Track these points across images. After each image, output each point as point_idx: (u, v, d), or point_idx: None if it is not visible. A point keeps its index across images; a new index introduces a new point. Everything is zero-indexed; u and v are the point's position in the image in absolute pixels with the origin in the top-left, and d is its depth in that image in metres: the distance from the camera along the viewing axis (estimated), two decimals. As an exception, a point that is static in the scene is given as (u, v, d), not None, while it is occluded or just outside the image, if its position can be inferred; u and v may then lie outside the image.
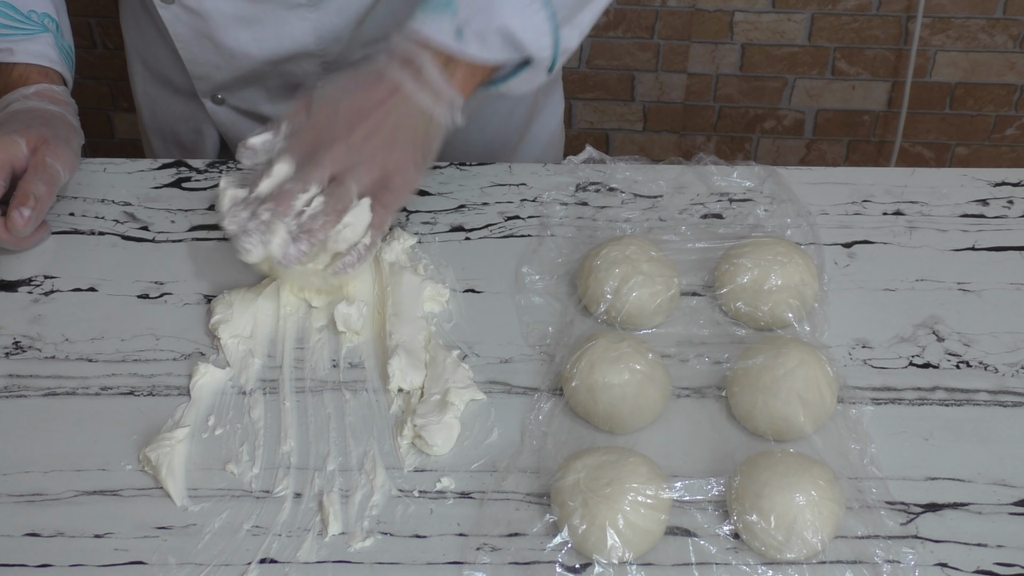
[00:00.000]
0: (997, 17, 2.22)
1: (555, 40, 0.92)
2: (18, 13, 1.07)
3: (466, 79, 0.91)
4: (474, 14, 0.89)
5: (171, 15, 1.09)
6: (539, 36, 0.91)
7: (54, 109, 1.04)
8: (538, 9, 0.90)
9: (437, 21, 0.89)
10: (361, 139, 0.89)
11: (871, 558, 0.76)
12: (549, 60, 0.93)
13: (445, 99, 0.90)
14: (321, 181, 0.88)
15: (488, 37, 0.89)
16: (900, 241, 1.00)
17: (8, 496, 0.81)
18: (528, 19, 0.90)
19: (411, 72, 0.90)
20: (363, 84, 0.91)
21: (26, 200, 0.96)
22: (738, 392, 0.85)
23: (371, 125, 0.89)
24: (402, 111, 0.90)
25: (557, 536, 0.77)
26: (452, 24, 0.89)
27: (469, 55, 0.89)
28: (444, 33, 0.89)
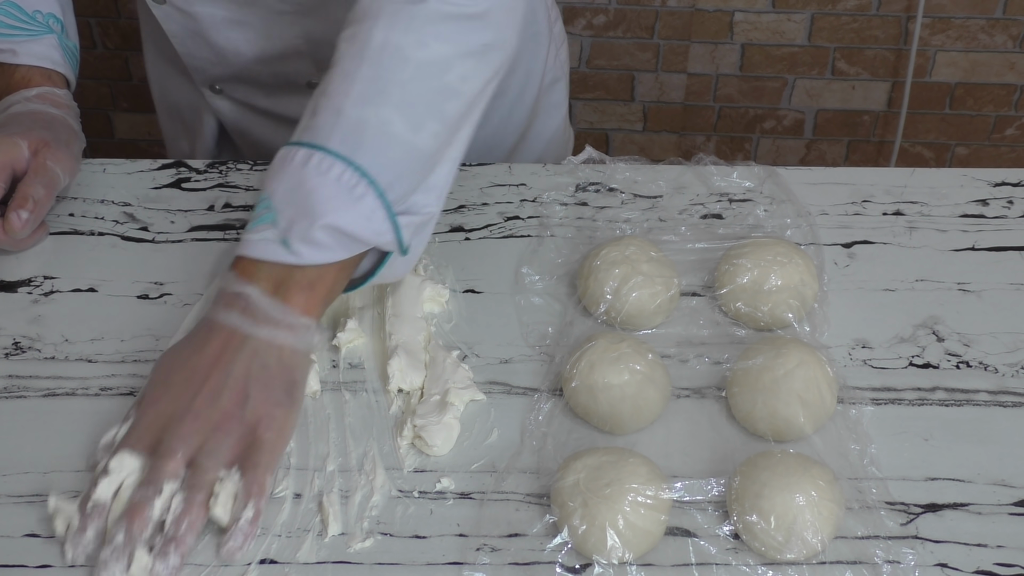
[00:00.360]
0: (997, 17, 2.22)
1: (392, 221, 0.82)
2: (23, 13, 1.07)
3: (306, 296, 0.81)
4: (294, 218, 0.80)
5: (164, 14, 1.09)
6: (372, 223, 0.81)
7: (56, 112, 1.04)
8: (363, 193, 0.80)
9: (260, 236, 0.81)
10: (207, 405, 0.78)
11: (871, 558, 0.76)
12: (394, 243, 0.83)
13: (285, 325, 0.80)
14: (177, 473, 0.77)
15: (316, 238, 0.79)
16: (900, 241, 1.00)
17: (8, 496, 0.81)
18: (354, 208, 0.80)
19: (240, 310, 0.80)
20: (196, 343, 0.81)
21: (25, 203, 0.96)
22: (738, 392, 0.85)
23: (213, 384, 0.79)
24: (245, 355, 0.80)
25: (557, 537, 0.77)
26: (275, 235, 0.80)
27: (305, 262, 0.80)
28: (270, 248, 0.80)
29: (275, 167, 0.82)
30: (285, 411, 0.81)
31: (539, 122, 1.28)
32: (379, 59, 0.82)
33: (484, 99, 0.88)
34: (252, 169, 1.08)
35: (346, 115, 0.81)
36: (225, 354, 0.80)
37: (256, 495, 0.77)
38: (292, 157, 0.81)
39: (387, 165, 0.81)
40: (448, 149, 0.86)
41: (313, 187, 0.79)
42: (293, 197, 0.80)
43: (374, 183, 0.80)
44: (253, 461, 0.78)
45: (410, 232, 0.84)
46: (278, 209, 0.80)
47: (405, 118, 0.82)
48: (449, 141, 0.85)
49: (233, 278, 0.81)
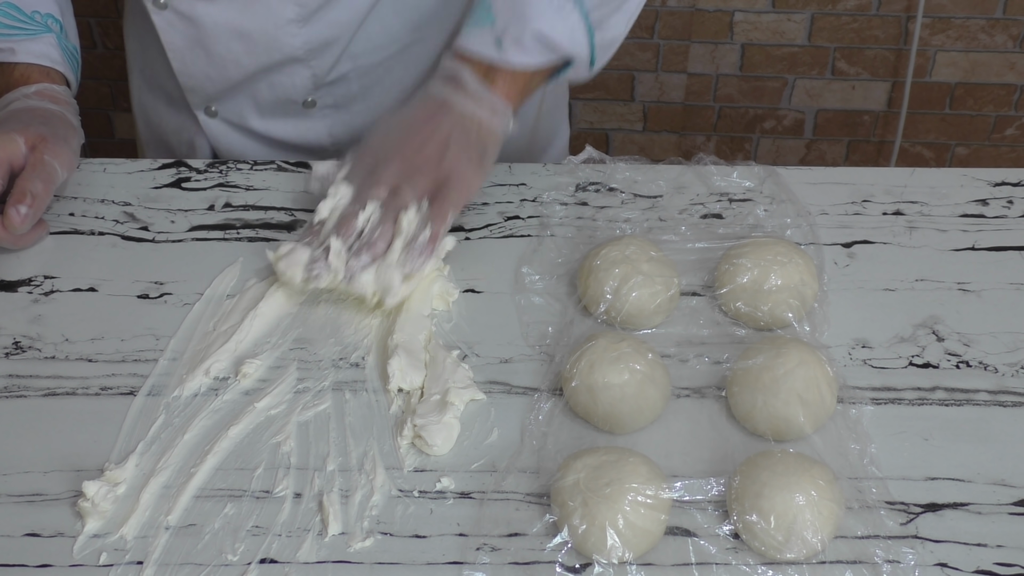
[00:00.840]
0: (997, 17, 2.22)
1: (590, 38, 0.97)
2: (21, 13, 1.07)
3: (508, 85, 0.97)
4: (510, 23, 0.95)
5: (164, 21, 1.09)
6: (573, 37, 0.96)
7: (54, 108, 1.04)
8: (571, 11, 0.95)
9: (478, 34, 0.96)
10: (414, 151, 0.94)
11: (871, 558, 0.76)
12: (587, 58, 0.99)
13: (488, 105, 0.95)
14: (379, 197, 0.93)
15: (525, 43, 0.95)
16: (900, 241, 1.00)
17: (8, 496, 0.81)
18: (561, 21, 0.95)
19: (454, 86, 0.96)
20: (413, 106, 0.97)
21: (23, 198, 0.96)
22: (738, 392, 0.85)
23: (422, 137, 0.95)
24: (451, 120, 0.95)
25: (557, 536, 0.77)
26: (491, 35, 0.95)
27: (510, 62, 0.95)
28: (485, 45, 0.96)
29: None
30: (475, 169, 0.96)
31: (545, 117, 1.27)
32: None
33: None
34: (252, 169, 1.08)
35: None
36: (436, 116, 0.95)
37: (439, 220, 0.92)
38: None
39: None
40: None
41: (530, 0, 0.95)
42: (511, 5, 0.95)
43: (580, 2, 0.96)
44: (442, 196, 0.93)
45: (600, 49, 0.99)
46: (496, 13, 0.95)
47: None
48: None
49: (450, 60, 0.97)
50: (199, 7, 1.07)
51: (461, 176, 0.95)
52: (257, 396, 0.87)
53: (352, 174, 0.96)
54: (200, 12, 1.07)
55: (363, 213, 0.92)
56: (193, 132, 1.21)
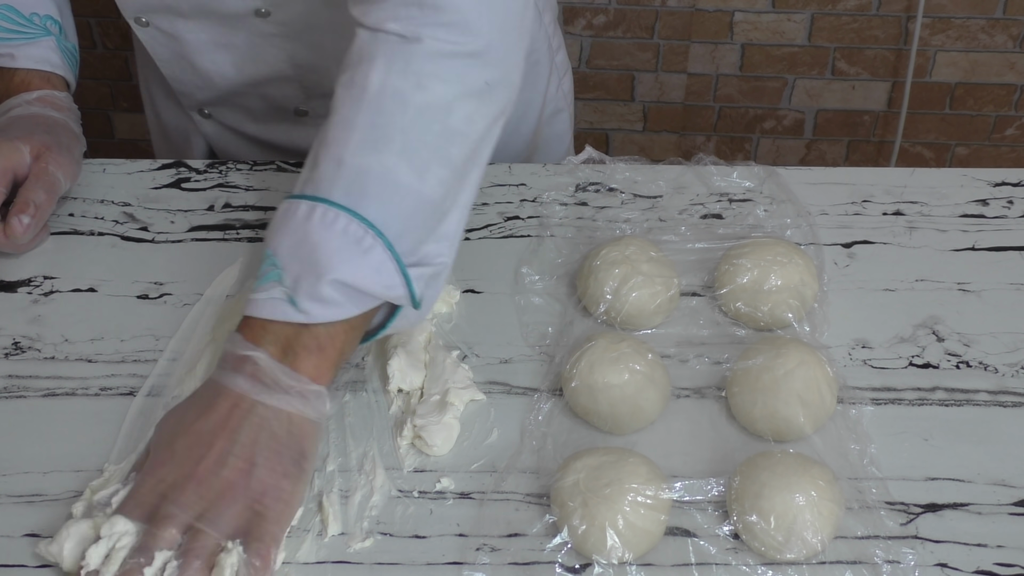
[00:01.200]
0: (997, 17, 2.22)
1: (403, 274, 0.78)
2: (20, 16, 1.06)
3: (316, 359, 0.77)
4: (301, 275, 0.76)
5: (148, 37, 1.08)
6: (379, 275, 0.77)
7: (56, 116, 1.04)
8: (369, 247, 0.76)
9: (266, 296, 0.77)
10: (210, 473, 0.74)
11: (871, 558, 0.76)
12: (406, 296, 0.79)
13: (296, 392, 0.76)
14: (172, 542, 0.73)
15: (324, 294, 0.76)
16: (900, 241, 1.00)
17: (8, 496, 0.81)
18: (360, 262, 0.76)
19: (248, 374, 0.76)
20: (201, 406, 0.77)
21: (26, 207, 0.96)
22: (738, 392, 0.85)
23: (219, 451, 0.75)
24: (252, 423, 0.76)
25: (557, 536, 0.77)
26: (282, 293, 0.77)
27: (312, 320, 0.76)
28: (277, 307, 0.77)
29: (277, 222, 0.78)
30: (293, 482, 0.76)
31: (540, 154, 1.27)
32: (378, 104, 0.78)
33: (492, 140, 0.84)
34: (252, 169, 1.08)
35: (347, 164, 0.77)
36: (232, 420, 0.75)
37: (262, 569, 0.73)
38: (295, 211, 0.77)
39: (394, 215, 0.77)
40: (458, 195, 0.82)
41: (318, 241, 0.76)
42: (298, 252, 0.76)
43: (381, 235, 0.76)
44: (257, 533, 0.74)
45: (422, 284, 0.80)
46: (283, 266, 0.77)
47: (409, 165, 0.78)
48: (458, 187, 0.81)
49: (240, 340, 0.77)
50: (180, 24, 1.06)
51: (277, 498, 0.75)
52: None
53: (132, 504, 0.75)
54: (181, 29, 1.06)
55: (150, 568, 0.72)
56: (190, 129, 1.21)
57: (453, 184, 0.81)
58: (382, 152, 0.78)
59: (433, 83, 0.79)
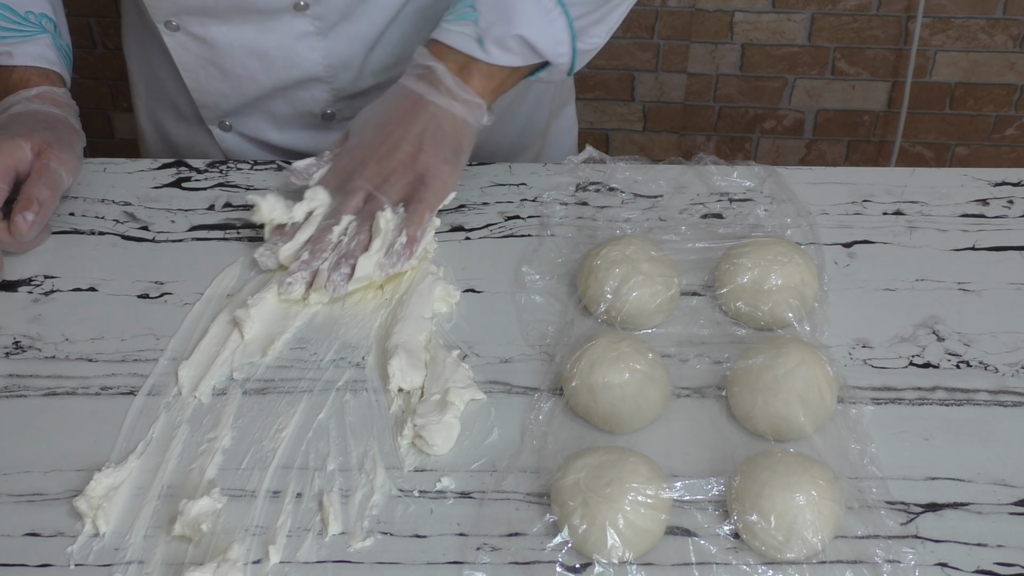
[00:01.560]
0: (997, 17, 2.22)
1: (572, 46, 0.97)
2: (15, 15, 1.07)
3: (484, 82, 0.96)
4: (494, 23, 0.94)
5: (177, 43, 1.09)
6: (556, 43, 0.97)
7: (56, 112, 1.04)
8: (556, 17, 0.95)
9: (459, 29, 0.95)
10: (387, 153, 0.95)
11: (871, 558, 0.76)
12: (567, 64, 0.99)
13: (463, 101, 0.95)
14: (355, 208, 0.94)
15: (508, 44, 0.95)
16: (900, 241, 1.00)
17: (8, 496, 0.81)
18: (546, 27, 0.95)
19: (428, 82, 0.96)
20: (389, 103, 0.97)
21: (30, 204, 0.96)
22: (738, 392, 0.85)
23: (396, 137, 0.95)
24: (424, 117, 0.95)
25: (557, 536, 0.77)
26: (474, 32, 0.95)
27: (490, 61, 0.95)
28: (466, 41, 0.95)
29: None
30: (450, 167, 0.96)
31: (549, 148, 1.27)
32: None
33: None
34: (252, 169, 1.08)
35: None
36: (409, 114, 0.95)
37: (415, 223, 0.93)
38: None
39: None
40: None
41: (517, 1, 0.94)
42: (497, 4, 0.95)
43: (567, 10, 0.95)
44: (417, 198, 0.94)
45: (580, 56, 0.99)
46: (481, 11, 0.95)
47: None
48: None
49: (426, 54, 0.97)
50: (212, 28, 1.07)
51: (436, 176, 0.95)
52: (257, 396, 0.87)
53: (328, 178, 0.97)
54: (214, 33, 1.07)
55: (337, 227, 0.93)
56: (206, 145, 1.20)
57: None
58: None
59: None
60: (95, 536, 0.78)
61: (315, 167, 0.99)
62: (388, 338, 0.90)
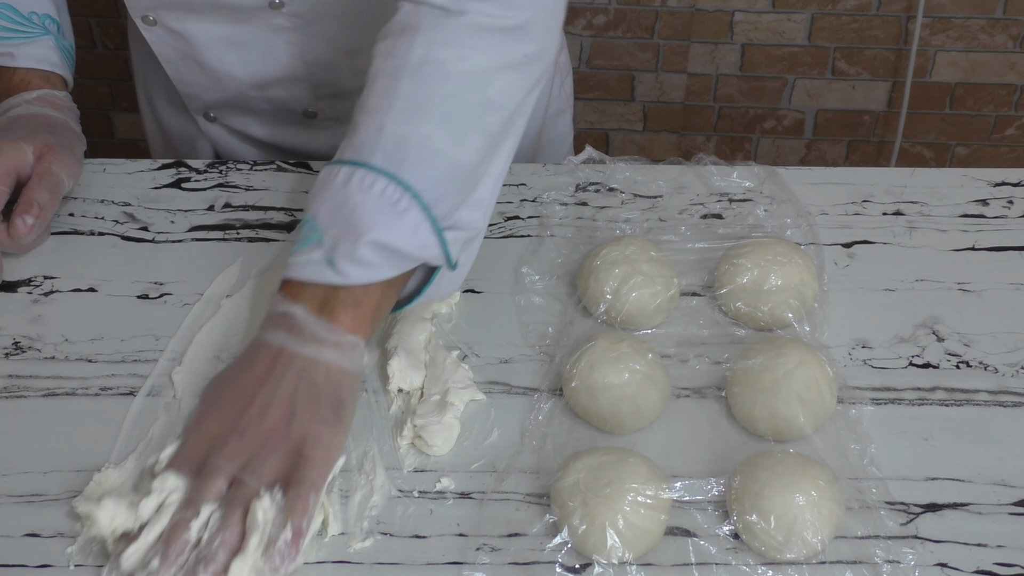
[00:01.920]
0: (997, 17, 2.22)
1: (438, 234, 0.81)
2: (18, 15, 1.06)
3: (353, 313, 0.80)
4: (340, 237, 0.79)
5: (155, 36, 1.08)
6: (415, 236, 0.80)
7: (57, 115, 1.04)
8: (406, 207, 0.79)
9: (306, 256, 0.80)
10: (252, 424, 0.77)
11: (871, 558, 0.76)
12: (441, 256, 0.82)
13: (332, 344, 0.79)
14: (217, 495, 0.75)
15: (361, 256, 0.78)
16: (900, 241, 1.00)
17: (8, 496, 0.81)
18: (397, 222, 0.79)
19: (286, 328, 0.79)
20: (244, 363, 0.80)
21: (30, 208, 0.96)
22: (738, 392, 0.85)
23: (260, 402, 0.77)
24: (291, 373, 0.78)
25: (557, 536, 0.77)
26: (321, 256, 0.79)
27: (350, 282, 0.79)
28: (316, 268, 0.79)
29: (317, 188, 0.81)
30: (332, 429, 0.78)
31: (542, 156, 1.27)
32: (419, 74, 0.81)
33: (526, 111, 0.87)
34: (252, 169, 1.08)
35: (387, 132, 0.80)
36: (272, 372, 0.78)
37: (299, 513, 0.74)
38: (335, 176, 0.80)
39: (431, 180, 0.80)
40: (491, 163, 0.85)
41: (356, 204, 0.79)
42: (337, 216, 0.79)
43: (418, 197, 0.79)
44: (297, 478, 0.76)
45: (457, 247, 0.83)
46: (323, 229, 0.79)
47: (447, 133, 0.81)
48: (492, 155, 0.85)
49: (279, 299, 0.81)
50: (189, 23, 1.06)
51: (315, 444, 0.77)
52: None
53: (181, 459, 0.77)
54: (190, 27, 1.06)
55: (196, 521, 0.74)
56: (195, 135, 1.21)
57: (488, 152, 0.84)
58: (422, 120, 0.81)
59: (473, 55, 0.82)
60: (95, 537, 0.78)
61: None
62: (387, 339, 0.90)
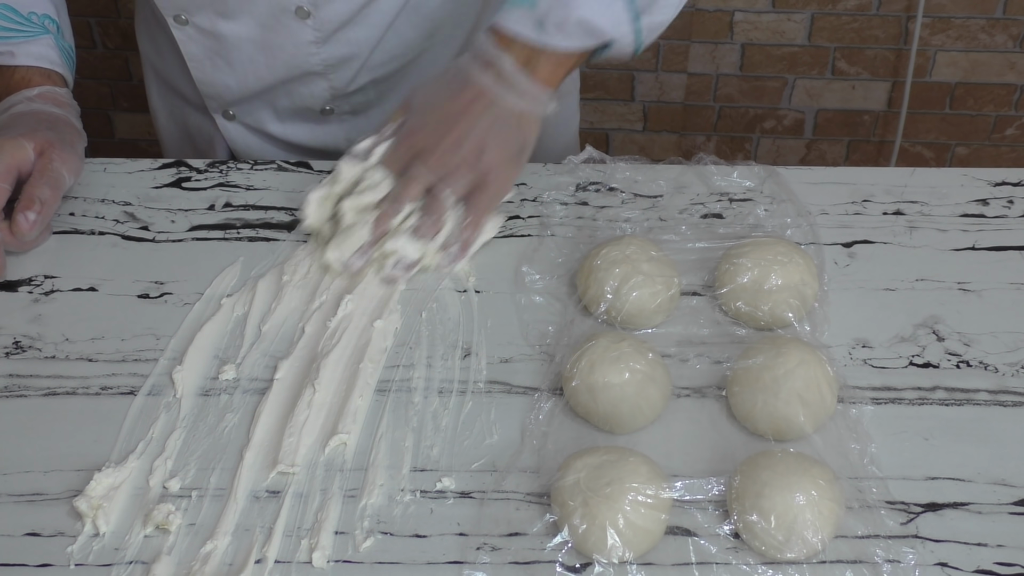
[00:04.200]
0: (997, 17, 2.22)
1: (635, 26, 0.94)
2: (18, 15, 1.07)
3: (550, 71, 0.94)
4: (553, 6, 0.91)
5: (185, 36, 1.10)
6: (618, 24, 0.93)
7: (58, 112, 1.04)
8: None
9: (518, 15, 0.93)
10: (452, 146, 0.93)
11: (871, 558, 0.76)
12: (631, 43, 0.95)
13: (529, 95, 0.93)
14: (416, 197, 0.94)
15: (568, 27, 0.92)
16: (900, 241, 1.00)
17: (8, 496, 0.81)
18: (606, 8, 0.92)
19: (493, 74, 0.93)
20: (451, 90, 0.95)
21: (31, 204, 0.96)
22: (738, 392, 0.85)
23: (460, 131, 0.93)
24: (489, 114, 0.93)
25: (557, 536, 0.77)
26: (532, 17, 0.92)
27: (551, 45, 0.92)
28: (526, 26, 0.92)
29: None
30: (513, 166, 0.96)
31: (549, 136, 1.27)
32: None
33: None
34: (252, 169, 1.08)
35: None
36: (475, 107, 0.93)
37: (469, 228, 0.95)
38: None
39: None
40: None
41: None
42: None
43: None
44: (477, 199, 0.95)
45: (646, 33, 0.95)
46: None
47: None
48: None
49: (491, 43, 0.94)
50: (220, 24, 1.08)
51: (497, 176, 0.95)
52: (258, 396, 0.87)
53: (391, 159, 0.96)
54: (221, 28, 1.08)
55: (398, 216, 0.94)
56: (211, 132, 1.22)
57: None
58: None
59: None
60: (95, 536, 0.78)
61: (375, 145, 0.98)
62: None
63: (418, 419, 0.85)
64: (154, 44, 1.21)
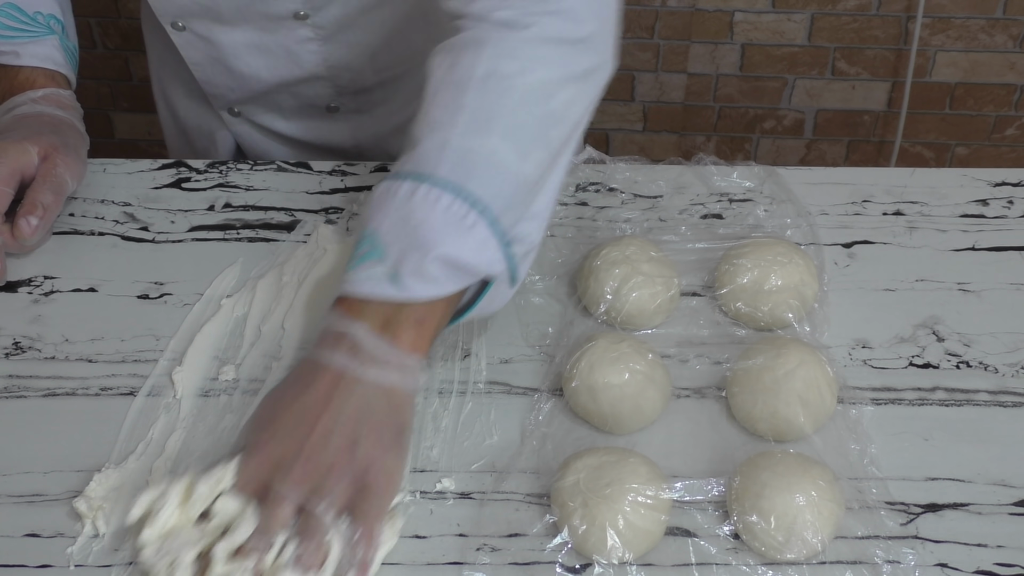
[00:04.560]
0: (997, 17, 2.22)
1: (504, 250, 0.79)
2: (24, 15, 1.07)
3: (415, 332, 0.78)
4: (406, 253, 0.77)
5: (184, 41, 1.11)
6: (483, 252, 0.78)
7: (62, 115, 1.04)
8: (473, 223, 0.77)
9: (366, 274, 0.77)
10: (316, 448, 0.75)
11: (871, 558, 0.76)
12: (507, 272, 0.81)
13: (394, 364, 0.77)
14: (287, 521, 0.73)
15: (428, 271, 0.76)
16: (900, 241, 1.00)
17: (8, 496, 0.81)
18: (465, 238, 0.77)
19: (347, 348, 0.77)
20: (303, 383, 0.77)
21: (34, 209, 0.96)
22: (738, 392, 0.85)
23: (322, 428, 0.75)
24: (352, 398, 0.76)
25: (557, 536, 0.77)
26: (383, 271, 0.77)
27: (412, 298, 0.77)
28: (377, 284, 0.77)
29: (377, 202, 0.79)
30: (395, 456, 0.77)
31: None
32: (485, 87, 0.80)
33: (584, 123, 0.86)
34: (252, 169, 1.08)
35: (453, 145, 0.78)
36: (334, 396, 0.76)
37: (366, 547, 0.74)
38: (396, 191, 0.78)
39: (497, 195, 0.78)
40: (550, 175, 0.83)
41: (422, 219, 0.76)
42: (401, 231, 0.77)
43: (485, 211, 0.77)
44: (363, 509, 0.74)
45: (520, 262, 0.82)
46: (385, 244, 0.77)
47: (513, 146, 0.80)
48: (551, 167, 0.83)
49: (338, 317, 0.78)
50: (217, 30, 1.08)
51: (379, 472, 0.76)
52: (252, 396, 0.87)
53: (243, 482, 0.75)
54: (219, 34, 1.08)
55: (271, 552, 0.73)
56: (216, 128, 1.22)
57: (548, 165, 0.83)
58: (488, 134, 0.79)
59: (538, 67, 0.81)
60: (95, 537, 0.78)
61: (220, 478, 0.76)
62: None
63: (418, 420, 0.85)
64: (160, 42, 1.21)
